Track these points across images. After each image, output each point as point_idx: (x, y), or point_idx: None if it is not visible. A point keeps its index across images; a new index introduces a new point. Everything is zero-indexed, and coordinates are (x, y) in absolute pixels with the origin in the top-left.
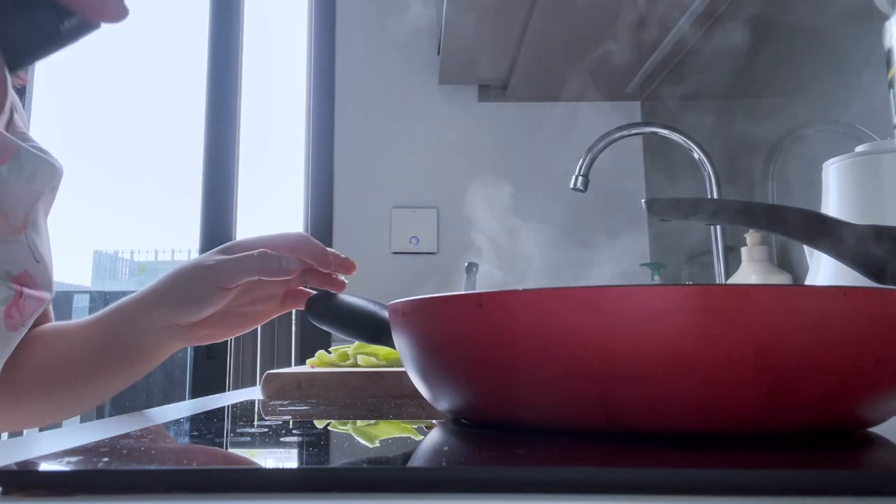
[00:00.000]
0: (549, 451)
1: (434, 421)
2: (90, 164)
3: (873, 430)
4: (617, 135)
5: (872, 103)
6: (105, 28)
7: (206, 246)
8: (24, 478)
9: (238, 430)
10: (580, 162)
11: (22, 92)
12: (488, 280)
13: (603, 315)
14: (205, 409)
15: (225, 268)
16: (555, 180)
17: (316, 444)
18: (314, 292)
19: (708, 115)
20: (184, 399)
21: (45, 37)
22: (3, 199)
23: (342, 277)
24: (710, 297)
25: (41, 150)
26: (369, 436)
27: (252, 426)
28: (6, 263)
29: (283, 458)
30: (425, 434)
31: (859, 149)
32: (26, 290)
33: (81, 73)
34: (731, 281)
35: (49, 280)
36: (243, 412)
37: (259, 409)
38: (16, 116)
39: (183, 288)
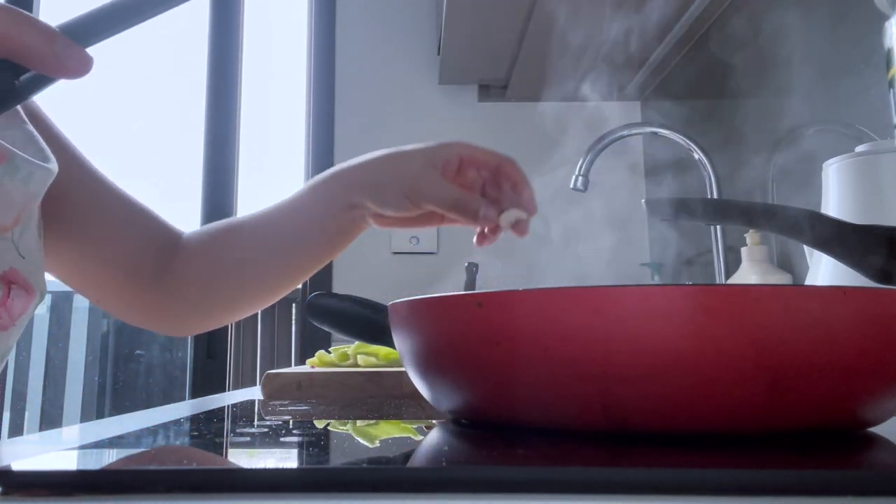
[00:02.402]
0: (549, 451)
1: (434, 421)
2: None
3: (873, 430)
4: (617, 135)
5: (872, 103)
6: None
7: None
8: (24, 478)
9: (238, 430)
10: (580, 162)
11: None
12: (488, 280)
13: (603, 315)
14: (205, 409)
15: (434, 191)
16: (555, 180)
17: (316, 444)
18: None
19: (708, 115)
20: (184, 399)
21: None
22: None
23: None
24: (710, 297)
25: (38, 147)
26: (369, 436)
27: (252, 426)
28: None
29: (283, 458)
30: (425, 434)
31: (859, 149)
32: (14, 289)
33: None
34: (731, 281)
35: (37, 274)
36: (243, 412)
37: (259, 409)
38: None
39: (388, 188)
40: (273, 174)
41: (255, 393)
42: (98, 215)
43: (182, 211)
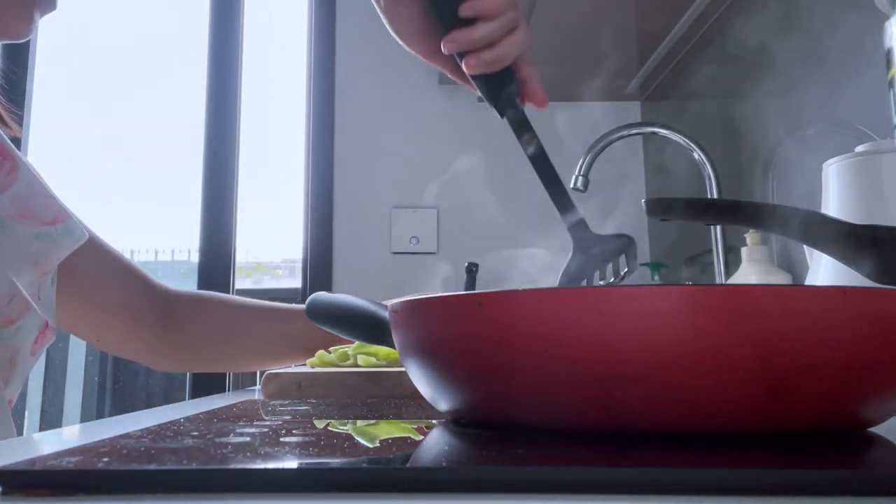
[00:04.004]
0: (549, 451)
1: (434, 421)
2: (90, 164)
3: (873, 430)
4: (617, 135)
5: (872, 103)
6: (104, 27)
7: (206, 246)
8: (24, 478)
9: (238, 430)
10: (580, 162)
11: (21, 91)
12: (489, 280)
13: (603, 315)
14: (205, 409)
15: None
16: None
17: (316, 444)
18: None
19: (708, 115)
20: (184, 399)
21: None
22: (54, 253)
23: None
24: (710, 297)
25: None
26: (369, 436)
27: (252, 426)
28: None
29: (283, 458)
30: (425, 434)
31: (859, 149)
32: (49, 322)
33: (81, 73)
34: (731, 281)
35: (52, 317)
36: (243, 412)
37: (259, 409)
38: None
39: None
40: (273, 174)
41: (255, 393)
42: (109, 271)
43: (181, 210)
